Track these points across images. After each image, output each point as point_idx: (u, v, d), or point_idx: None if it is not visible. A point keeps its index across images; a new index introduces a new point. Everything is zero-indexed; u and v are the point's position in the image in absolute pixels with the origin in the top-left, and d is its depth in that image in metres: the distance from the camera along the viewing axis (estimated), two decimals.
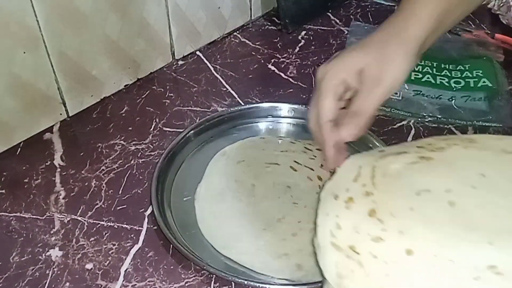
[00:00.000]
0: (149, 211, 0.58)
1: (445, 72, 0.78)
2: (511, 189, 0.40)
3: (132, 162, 0.64)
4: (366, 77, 0.46)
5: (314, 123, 0.48)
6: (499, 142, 0.45)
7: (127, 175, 0.62)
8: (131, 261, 0.53)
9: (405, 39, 0.46)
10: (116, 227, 0.57)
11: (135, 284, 0.51)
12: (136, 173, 0.63)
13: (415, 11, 0.46)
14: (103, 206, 0.59)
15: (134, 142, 0.67)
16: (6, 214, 0.58)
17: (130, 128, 0.69)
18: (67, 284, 0.51)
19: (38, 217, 0.57)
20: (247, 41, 0.87)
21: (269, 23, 0.91)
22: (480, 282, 0.35)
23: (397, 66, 0.45)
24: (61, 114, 0.69)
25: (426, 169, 0.42)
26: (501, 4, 0.87)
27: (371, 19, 0.92)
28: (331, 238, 0.40)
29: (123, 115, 0.71)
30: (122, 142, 0.67)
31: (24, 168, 0.63)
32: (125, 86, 0.76)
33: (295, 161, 0.63)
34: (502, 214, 0.38)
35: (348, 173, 0.44)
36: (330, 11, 0.94)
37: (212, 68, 0.80)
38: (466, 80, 0.76)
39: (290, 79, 0.78)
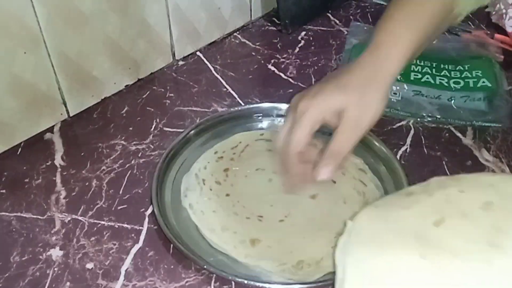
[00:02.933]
0: (149, 211, 0.58)
1: (445, 72, 0.78)
2: None
3: (132, 162, 0.64)
4: (346, 119, 0.48)
5: (283, 149, 0.50)
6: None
7: (127, 175, 0.63)
8: (131, 261, 0.53)
9: (381, 81, 0.49)
10: (117, 226, 0.57)
11: (136, 284, 0.51)
12: (137, 173, 0.63)
13: (391, 49, 0.49)
14: (103, 206, 0.59)
15: (134, 142, 0.67)
16: (7, 214, 0.58)
17: (131, 128, 0.69)
18: (68, 283, 0.51)
19: (39, 217, 0.58)
20: (247, 42, 0.87)
21: (269, 24, 0.91)
22: None
23: (375, 110, 0.49)
24: (61, 114, 0.70)
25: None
26: (493, 13, 0.88)
27: (370, 20, 0.92)
28: (198, 171, 0.62)
29: (124, 115, 0.71)
30: (122, 142, 0.67)
31: (24, 168, 0.63)
32: (125, 86, 0.76)
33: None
34: None
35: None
36: (330, 11, 0.94)
37: (212, 69, 0.81)
38: (466, 80, 0.76)
39: (290, 79, 0.78)
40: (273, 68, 0.81)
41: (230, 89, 0.76)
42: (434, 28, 0.52)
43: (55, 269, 0.53)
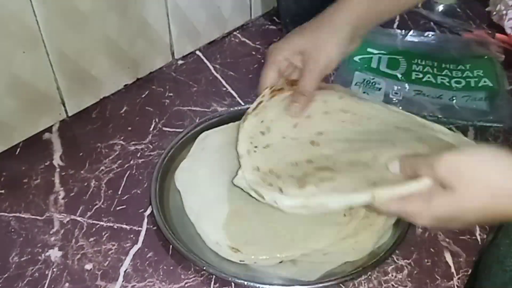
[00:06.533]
0: (148, 211, 0.58)
1: (446, 72, 0.78)
2: None
3: (131, 162, 0.64)
4: (306, 59, 0.55)
5: (259, 88, 0.58)
6: None
7: (126, 175, 0.62)
8: (130, 262, 0.53)
9: (335, 27, 0.55)
10: (116, 227, 0.56)
11: (135, 285, 0.51)
12: (136, 173, 0.63)
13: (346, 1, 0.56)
14: (102, 206, 0.59)
15: (133, 142, 0.67)
16: (6, 214, 0.58)
17: (130, 128, 0.69)
18: (67, 284, 0.51)
19: (38, 217, 0.57)
20: (247, 41, 0.86)
21: (269, 23, 0.91)
22: None
23: (329, 51, 0.55)
24: (60, 114, 0.69)
25: None
26: (494, 13, 0.87)
27: None
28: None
29: (123, 115, 0.71)
30: (121, 142, 0.67)
31: (23, 168, 0.63)
32: (124, 86, 0.76)
33: None
34: None
35: None
36: None
37: (212, 68, 0.80)
38: (467, 80, 0.76)
39: None
40: None
41: (230, 89, 0.76)
42: None
43: (54, 269, 0.52)
